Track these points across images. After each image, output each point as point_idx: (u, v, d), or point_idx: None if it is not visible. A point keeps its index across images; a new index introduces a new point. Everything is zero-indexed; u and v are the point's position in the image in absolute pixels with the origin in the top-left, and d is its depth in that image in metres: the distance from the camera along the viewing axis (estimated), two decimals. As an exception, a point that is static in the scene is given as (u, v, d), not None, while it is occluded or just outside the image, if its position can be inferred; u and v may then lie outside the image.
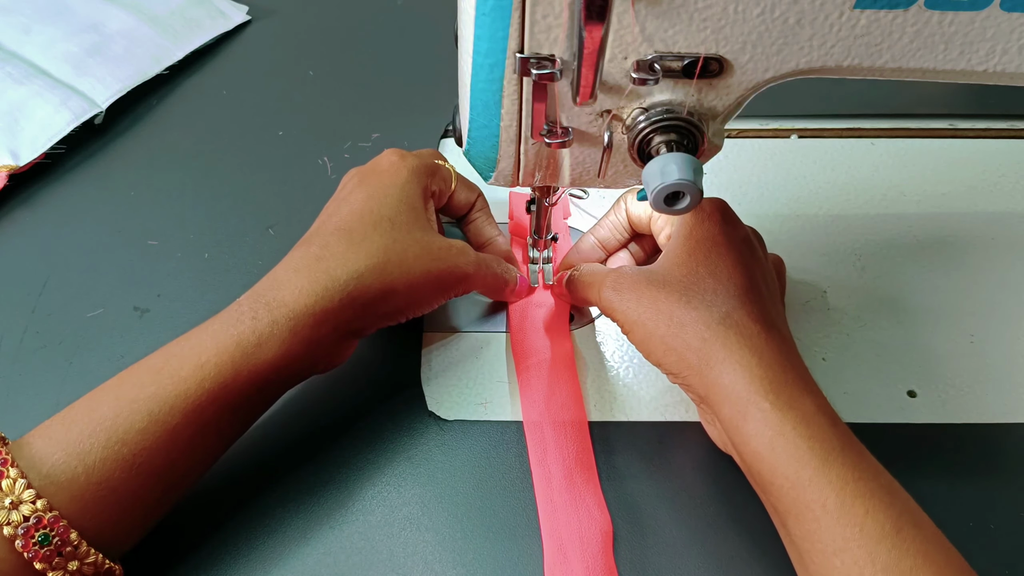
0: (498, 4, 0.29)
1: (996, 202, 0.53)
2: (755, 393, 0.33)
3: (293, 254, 0.38)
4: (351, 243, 0.38)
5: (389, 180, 0.41)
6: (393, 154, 0.43)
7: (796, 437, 0.32)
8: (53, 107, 0.55)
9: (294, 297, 0.36)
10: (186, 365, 0.34)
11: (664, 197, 0.31)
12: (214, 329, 0.35)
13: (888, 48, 0.29)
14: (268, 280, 0.37)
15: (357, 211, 0.39)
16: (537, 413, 0.42)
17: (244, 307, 0.36)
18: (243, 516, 0.39)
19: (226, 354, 0.34)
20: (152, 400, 0.33)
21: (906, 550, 0.30)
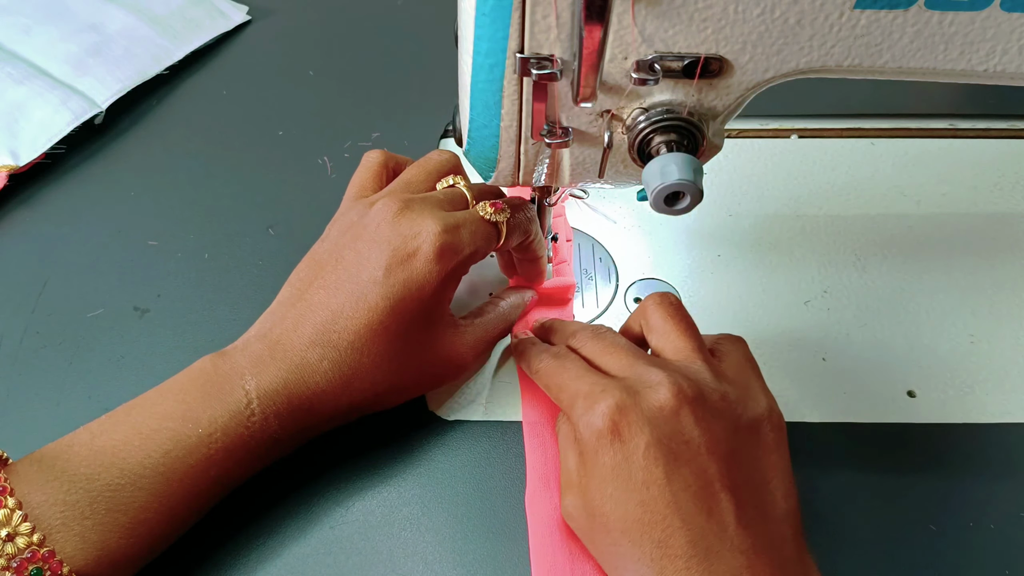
0: (498, 4, 0.29)
1: (996, 202, 0.53)
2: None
3: (306, 354, 0.36)
4: (359, 367, 0.36)
5: (415, 283, 0.36)
6: (436, 238, 0.36)
7: None
8: (53, 107, 0.55)
9: (301, 412, 0.36)
10: (194, 454, 0.34)
11: (664, 197, 0.31)
12: (224, 423, 0.34)
13: (888, 48, 0.29)
14: (279, 381, 0.35)
15: (375, 324, 0.36)
16: (537, 414, 0.42)
17: (255, 407, 0.35)
18: (243, 516, 0.39)
19: (234, 449, 0.35)
20: (158, 480, 0.33)
21: None
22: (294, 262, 0.41)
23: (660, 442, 0.32)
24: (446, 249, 0.36)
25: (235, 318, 0.46)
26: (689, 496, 0.31)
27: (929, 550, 0.38)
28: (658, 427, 0.32)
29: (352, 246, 0.37)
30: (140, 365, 0.45)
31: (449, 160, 0.42)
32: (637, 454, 0.31)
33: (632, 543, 0.31)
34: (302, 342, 0.36)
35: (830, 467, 0.40)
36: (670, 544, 0.30)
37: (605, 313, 0.47)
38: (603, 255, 0.50)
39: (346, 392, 0.37)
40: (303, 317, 0.36)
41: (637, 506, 0.31)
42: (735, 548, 0.30)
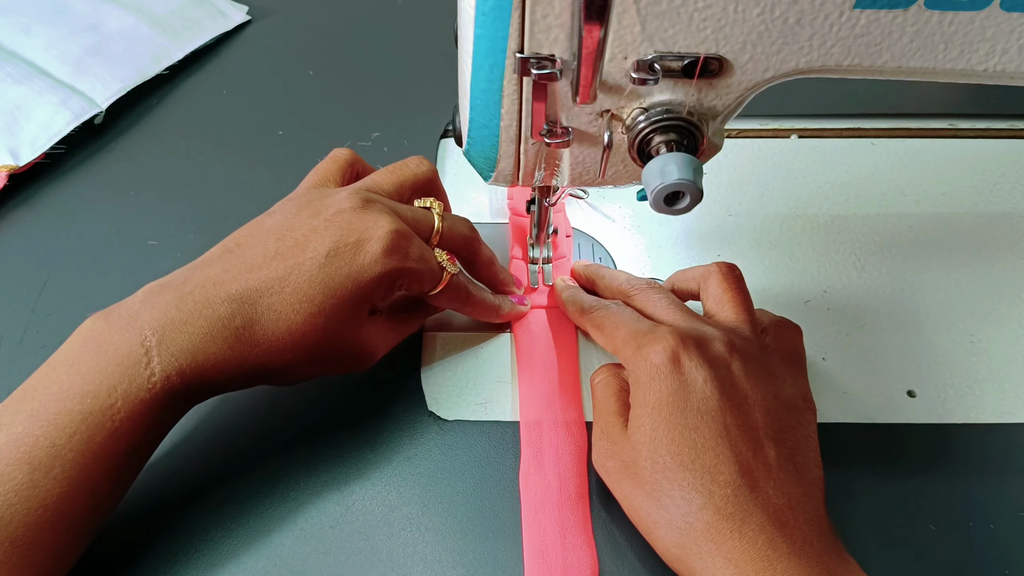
0: (498, 4, 0.29)
1: (996, 202, 0.53)
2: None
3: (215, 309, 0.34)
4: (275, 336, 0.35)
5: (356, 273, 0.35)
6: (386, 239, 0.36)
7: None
8: (53, 107, 0.55)
9: (206, 370, 0.34)
10: (100, 431, 0.32)
11: (664, 197, 0.31)
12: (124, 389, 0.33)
13: (888, 48, 0.29)
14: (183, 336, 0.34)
15: (299, 295, 0.35)
16: (535, 413, 0.42)
17: (155, 367, 0.33)
18: (243, 516, 0.39)
19: (138, 416, 0.33)
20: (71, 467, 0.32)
21: None
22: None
23: (715, 380, 0.34)
24: (394, 248, 0.36)
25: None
26: (739, 433, 0.33)
27: (929, 550, 0.38)
28: (715, 368, 0.35)
29: (307, 222, 0.36)
30: (140, 365, 0.44)
31: (424, 173, 0.42)
32: (696, 385, 0.34)
33: (682, 467, 0.33)
34: (219, 296, 0.34)
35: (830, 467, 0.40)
36: (720, 471, 0.32)
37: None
38: (603, 255, 0.50)
39: (254, 352, 0.35)
40: (227, 273, 0.35)
41: (691, 431, 0.33)
42: (777, 488, 0.33)
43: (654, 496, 0.33)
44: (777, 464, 0.33)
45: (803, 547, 0.31)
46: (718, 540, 0.31)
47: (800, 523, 0.32)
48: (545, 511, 0.38)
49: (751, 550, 0.31)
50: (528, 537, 0.38)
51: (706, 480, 0.32)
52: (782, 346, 0.40)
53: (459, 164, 0.54)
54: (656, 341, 0.35)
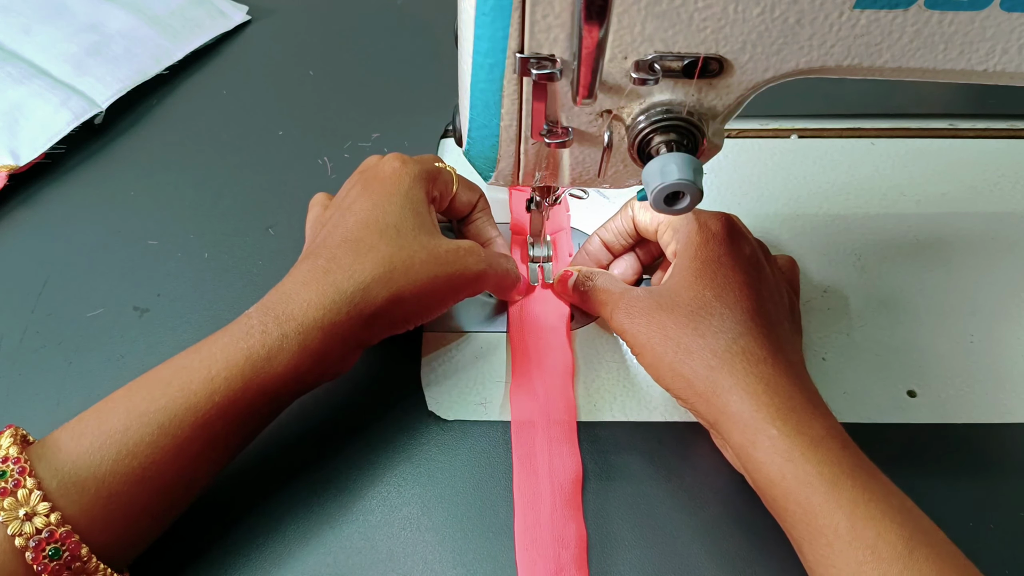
0: (498, 4, 0.29)
1: (996, 202, 0.53)
2: (763, 420, 0.34)
3: (301, 266, 0.38)
4: (357, 254, 0.37)
5: (393, 187, 0.41)
6: (395, 159, 0.42)
7: (805, 463, 0.32)
8: (53, 107, 0.55)
9: (303, 311, 0.36)
10: (196, 378, 0.34)
11: (664, 197, 0.31)
12: (224, 342, 0.35)
13: (888, 48, 0.29)
14: (277, 293, 0.37)
15: (362, 220, 0.39)
16: (528, 413, 0.42)
17: (254, 320, 0.36)
18: (243, 516, 0.39)
19: (236, 367, 0.34)
20: (162, 413, 0.33)
21: (919, 570, 0.30)
22: (294, 262, 0.41)
23: (757, 255, 0.40)
24: (408, 161, 0.42)
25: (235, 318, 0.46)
26: (770, 299, 0.39)
27: (929, 550, 0.38)
28: (757, 249, 0.40)
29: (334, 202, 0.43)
30: (140, 365, 0.44)
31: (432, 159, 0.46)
32: (744, 253, 0.39)
33: (724, 304, 0.37)
34: (299, 262, 0.39)
35: (830, 467, 0.40)
36: (759, 313, 0.37)
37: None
38: (603, 255, 0.50)
39: (345, 276, 0.37)
40: (303, 253, 0.41)
41: (737, 284, 0.38)
42: (798, 337, 0.40)
43: (692, 324, 0.37)
44: (791, 332, 0.39)
45: (817, 396, 0.36)
46: (752, 361, 0.35)
47: (810, 383, 0.37)
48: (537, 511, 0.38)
49: (780, 372, 0.35)
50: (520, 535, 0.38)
51: (747, 318, 0.37)
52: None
53: (459, 164, 0.54)
54: (713, 215, 0.40)
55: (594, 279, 0.43)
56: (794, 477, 0.32)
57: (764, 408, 0.34)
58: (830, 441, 0.33)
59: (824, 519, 0.31)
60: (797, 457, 0.33)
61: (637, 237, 0.45)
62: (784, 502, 0.33)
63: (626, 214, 0.44)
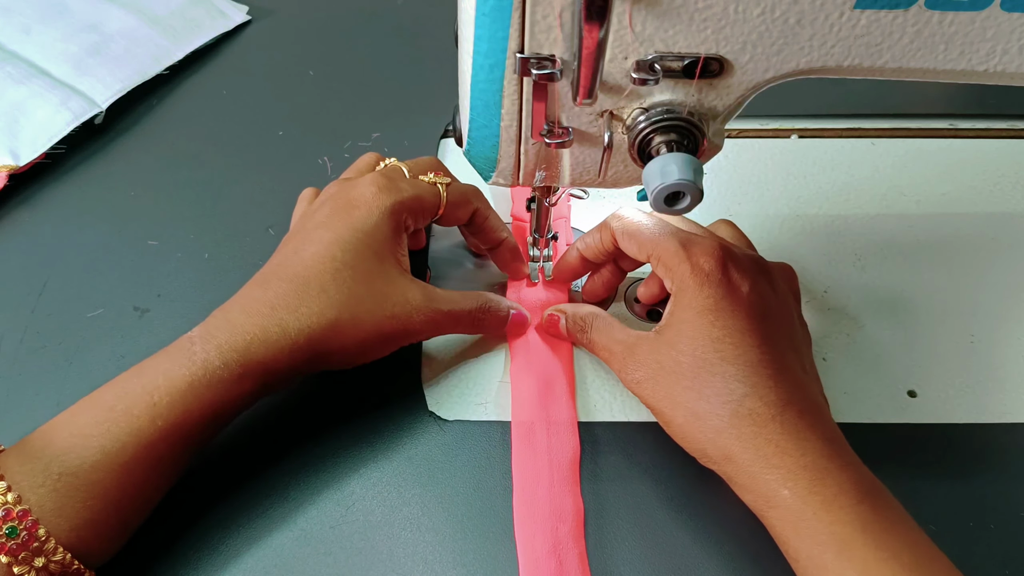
0: (498, 4, 0.29)
1: (996, 202, 0.53)
2: (774, 482, 0.33)
3: (249, 293, 0.38)
4: (306, 295, 0.37)
5: (359, 222, 0.39)
6: (372, 184, 0.40)
7: (817, 522, 0.32)
8: (53, 107, 0.55)
9: (245, 343, 0.36)
10: (138, 404, 0.34)
11: (664, 197, 0.31)
12: (166, 368, 0.35)
13: (888, 48, 0.29)
14: (222, 318, 0.37)
15: (319, 255, 0.38)
16: (527, 413, 0.42)
17: (196, 347, 0.35)
18: (243, 516, 0.39)
19: (178, 393, 0.34)
20: (104, 437, 0.33)
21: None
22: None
23: (757, 290, 0.37)
24: (382, 188, 0.40)
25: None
26: (776, 338, 0.36)
27: (929, 550, 0.38)
28: (754, 279, 0.37)
29: (304, 216, 0.42)
30: (140, 365, 0.44)
31: (431, 159, 0.45)
32: (742, 292, 0.36)
33: (725, 361, 0.35)
34: (249, 287, 0.38)
35: (830, 467, 0.40)
36: (763, 366, 0.35)
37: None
38: (603, 255, 0.50)
39: (292, 316, 0.36)
40: (255, 278, 0.39)
41: (738, 333, 0.35)
42: (806, 389, 0.36)
43: (696, 388, 0.35)
44: (802, 368, 0.37)
45: (832, 437, 0.35)
46: (760, 423, 0.34)
47: (825, 420, 0.35)
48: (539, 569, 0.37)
49: (789, 430, 0.34)
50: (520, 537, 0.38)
51: (749, 373, 0.35)
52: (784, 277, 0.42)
53: (459, 164, 0.54)
54: (705, 249, 0.37)
55: (588, 329, 0.41)
56: (807, 536, 0.32)
57: (775, 471, 0.33)
58: (844, 498, 0.32)
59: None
60: (809, 517, 0.32)
61: (615, 252, 0.43)
62: (796, 555, 0.33)
63: (605, 232, 0.42)
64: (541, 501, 0.38)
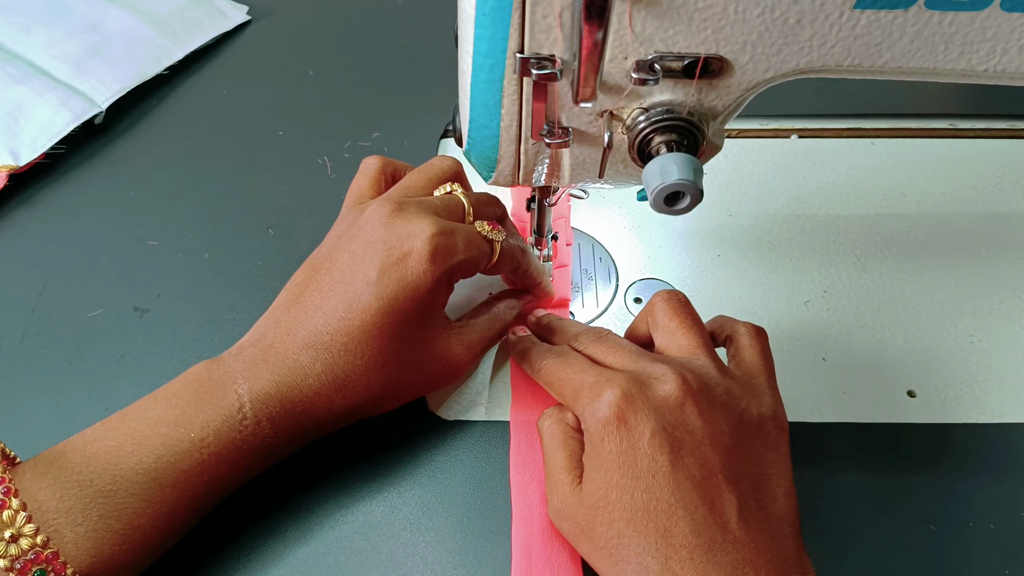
0: (498, 4, 0.29)
1: (996, 202, 0.53)
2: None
3: (297, 357, 0.36)
4: (354, 370, 0.36)
5: (410, 288, 0.35)
6: (430, 239, 0.35)
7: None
8: (53, 107, 0.56)
9: (294, 415, 0.36)
10: (187, 459, 0.33)
11: (664, 197, 0.31)
12: (216, 427, 0.34)
13: (888, 48, 0.29)
14: (271, 384, 0.35)
15: (367, 328, 0.35)
16: (527, 412, 0.42)
17: (247, 411, 0.35)
18: (243, 516, 0.39)
19: (226, 454, 0.34)
20: (150, 486, 0.33)
21: None
22: (294, 262, 0.41)
23: (665, 431, 0.32)
24: (440, 250, 0.36)
25: (235, 318, 0.47)
26: (692, 487, 0.32)
27: (929, 550, 0.38)
28: (663, 416, 0.32)
29: (346, 248, 0.37)
30: (140, 365, 0.45)
31: (451, 167, 0.42)
32: (643, 442, 0.32)
33: (637, 532, 0.31)
34: (295, 345, 0.36)
35: (830, 467, 0.40)
36: (674, 534, 0.31)
37: (605, 313, 0.47)
38: (603, 255, 0.50)
39: (340, 394, 0.36)
40: (297, 320, 0.36)
41: (642, 494, 0.31)
42: (737, 541, 0.31)
43: (612, 559, 0.32)
44: (738, 513, 0.31)
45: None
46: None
47: (761, 573, 0.31)
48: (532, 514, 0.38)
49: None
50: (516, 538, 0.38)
51: (661, 544, 0.31)
52: (746, 358, 0.37)
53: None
54: (599, 396, 0.33)
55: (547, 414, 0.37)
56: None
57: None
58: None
59: None
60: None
61: None
62: None
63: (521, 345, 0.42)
64: (537, 503, 0.38)
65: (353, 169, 0.44)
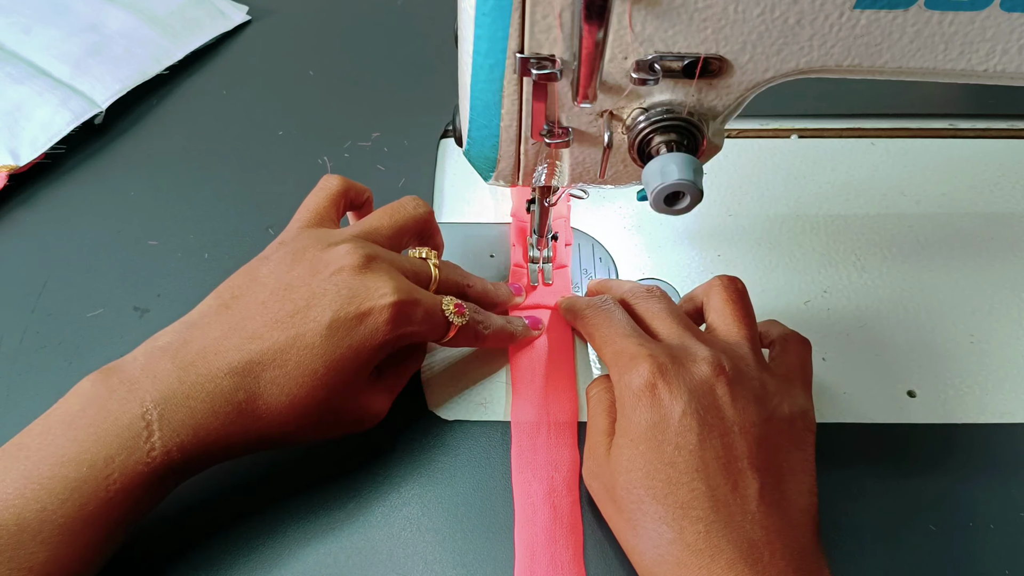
0: (498, 4, 0.29)
1: (996, 202, 0.53)
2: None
3: (220, 383, 0.33)
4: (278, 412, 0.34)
5: (359, 351, 0.35)
6: (390, 305, 0.35)
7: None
8: (53, 107, 0.55)
9: (207, 444, 0.33)
10: (94, 499, 0.31)
11: (664, 197, 0.31)
12: (122, 461, 0.32)
13: (888, 48, 0.29)
14: (183, 410, 0.33)
15: (305, 375, 0.34)
16: (527, 414, 0.42)
17: (156, 440, 0.32)
18: (243, 516, 0.39)
19: (135, 486, 0.32)
20: (58, 532, 0.31)
21: None
22: (294, 262, 0.41)
23: (696, 412, 0.33)
24: (398, 319, 0.35)
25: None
26: (717, 466, 0.32)
27: (929, 550, 0.38)
28: (696, 397, 0.33)
29: (306, 282, 0.35)
30: (140, 365, 0.44)
31: (422, 215, 0.41)
32: (673, 417, 0.33)
33: (655, 500, 0.32)
34: (222, 369, 0.34)
35: (830, 467, 0.40)
36: (693, 507, 0.32)
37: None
38: (603, 255, 0.50)
39: (256, 425, 0.34)
40: (227, 340, 0.34)
41: (666, 466, 0.32)
42: (755, 522, 0.32)
43: (630, 524, 0.33)
44: (759, 496, 0.32)
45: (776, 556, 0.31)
46: (685, 572, 0.31)
47: (776, 558, 0.31)
48: (535, 514, 0.38)
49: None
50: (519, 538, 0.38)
51: (678, 516, 0.32)
52: (786, 361, 0.38)
53: (459, 164, 0.54)
54: (636, 367, 0.34)
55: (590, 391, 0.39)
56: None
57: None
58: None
59: None
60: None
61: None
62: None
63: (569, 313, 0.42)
64: (540, 503, 0.38)
65: (353, 169, 0.44)
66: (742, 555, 0.31)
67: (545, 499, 0.38)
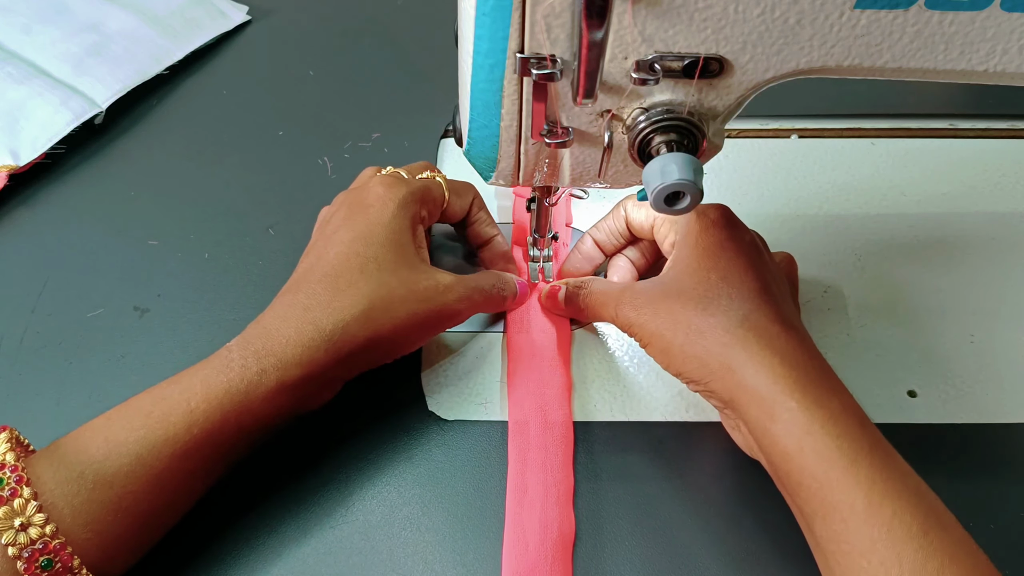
0: (498, 4, 0.29)
1: (996, 202, 0.53)
2: (781, 393, 0.33)
3: (282, 300, 0.38)
4: (336, 291, 0.37)
5: (376, 217, 0.40)
6: (380, 184, 0.42)
7: (824, 436, 0.32)
8: (53, 107, 0.55)
9: (282, 347, 0.36)
10: (175, 410, 0.34)
11: (664, 197, 0.31)
12: (204, 374, 0.35)
13: (888, 48, 0.29)
14: (257, 327, 0.37)
15: (343, 254, 0.39)
16: (523, 412, 0.42)
17: (234, 354, 0.36)
18: (243, 516, 0.39)
19: (215, 400, 0.34)
20: (140, 444, 0.33)
21: (933, 551, 0.30)
22: (294, 262, 0.41)
23: (758, 243, 0.40)
24: (394, 185, 0.41)
25: (235, 318, 0.47)
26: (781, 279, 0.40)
27: (929, 550, 0.38)
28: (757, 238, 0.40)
29: (321, 224, 0.43)
30: (140, 365, 0.45)
31: (426, 163, 0.46)
32: (745, 239, 0.39)
33: (730, 285, 0.37)
34: (281, 294, 0.39)
35: (830, 467, 0.40)
36: (766, 292, 0.37)
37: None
38: (603, 255, 0.50)
39: (325, 314, 0.37)
40: (286, 284, 0.39)
41: (740, 269, 0.37)
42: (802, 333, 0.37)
43: (700, 307, 0.36)
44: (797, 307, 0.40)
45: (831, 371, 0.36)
46: (765, 336, 0.35)
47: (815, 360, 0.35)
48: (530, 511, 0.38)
49: (794, 346, 0.35)
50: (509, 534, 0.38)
51: (754, 295, 0.36)
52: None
53: (459, 164, 0.54)
54: (711, 204, 0.39)
55: (588, 285, 0.43)
56: (812, 450, 0.32)
57: (781, 381, 0.33)
58: (848, 417, 0.33)
59: (841, 495, 0.31)
60: (816, 430, 0.32)
61: (630, 237, 0.45)
62: (799, 476, 0.32)
63: (618, 213, 0.44)
64: (534, 502, 0.38)
65: (353, 168, 0.44)
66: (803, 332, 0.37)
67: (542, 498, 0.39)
